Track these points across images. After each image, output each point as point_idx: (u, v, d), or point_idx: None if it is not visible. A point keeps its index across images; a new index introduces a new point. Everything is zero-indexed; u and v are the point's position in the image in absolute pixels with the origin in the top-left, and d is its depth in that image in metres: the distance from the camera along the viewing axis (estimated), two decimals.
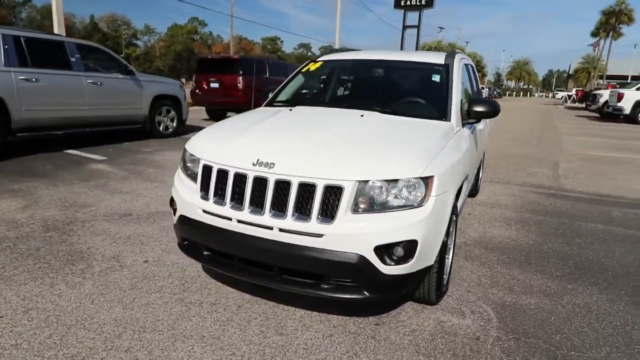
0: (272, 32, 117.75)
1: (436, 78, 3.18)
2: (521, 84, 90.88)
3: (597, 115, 20.95)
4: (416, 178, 2.06)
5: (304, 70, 3.69)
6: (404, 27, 39.50)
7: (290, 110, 2.95)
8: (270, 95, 3.52)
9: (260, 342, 2.19)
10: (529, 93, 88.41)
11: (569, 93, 48.27)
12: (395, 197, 2.05)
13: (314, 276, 2.14)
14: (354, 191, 2.02)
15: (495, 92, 59.53)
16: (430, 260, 2.20)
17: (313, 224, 2.02)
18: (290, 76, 3.64)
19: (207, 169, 2.34)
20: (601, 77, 51.65)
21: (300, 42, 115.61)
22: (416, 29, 39.53)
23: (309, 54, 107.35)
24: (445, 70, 3.22)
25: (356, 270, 2.03)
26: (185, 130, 9.85)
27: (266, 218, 2.10)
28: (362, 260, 2.00)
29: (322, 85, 3.73)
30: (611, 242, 3.76)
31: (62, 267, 2.92)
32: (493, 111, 2.94)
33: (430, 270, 2.28)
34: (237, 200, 2.19)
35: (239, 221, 2.17)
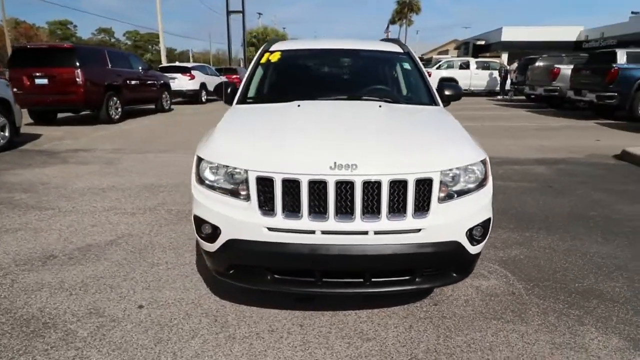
0: (60, 15, 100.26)
1: (407, 66, 3.36)
2: None
3: None
4: (478, 162, 2.21)
5: (262, 62, 3.39)
6: (228, 12, 38.57)
7: (299, 106, 2.71)
8: (238, 93, 3.15)
9: (358, 354, 2.07)
10: None
11: None
12: (466, 181, 2.17)
13: (404, 272, 2.12)
14: (439, 181, 2.05)
15: None
16: None
17: (410, 221, 1.99)
18: (250, 69, 3.31)
19: (264, 181, 2.02)
20: None
21: (100, 26, 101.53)
22: (241, 14, 38.93)
23: (112, 39, 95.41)
24: (411, 58, 3.43)
25: (452, 256, 2.10)
26: (20, 140, 7.84)
27: (358, 223, 1.97)
28: (458, 245, 2.07)
29: (297, 78, 3.50)
30: (519, 194, 4.68)
31: (29, 345, 2.13)
32: (458, 94, 3.29)
33: None
34: (317, 209, 1.98)
35: (323, 232, 1.97)
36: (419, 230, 2.00)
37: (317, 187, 1.97)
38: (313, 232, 1.98)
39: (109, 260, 3.07)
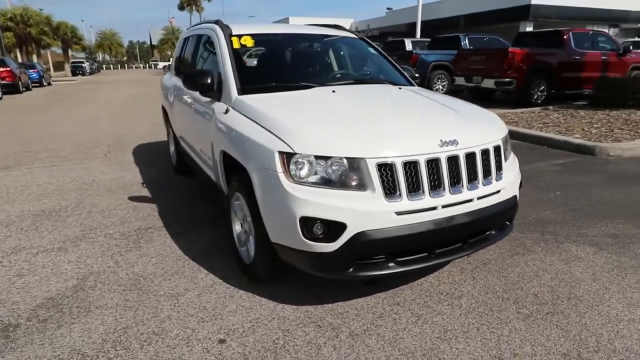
0: None
1: (373, 50, 3.55)
2: (107, 56, 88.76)
3: None
4: (507, 130, 2.68)
5: (236, 47, 3.03)
6: None
7: (334, 91, 2.60)
8: (231, 82, 2.76)
9: (467, 310, 2.31)
10: (126, 65, 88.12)
11: (169, 63, 52.23)
12: (507, 146, 2.59)
13: (480, 232, 2.42)
14: (502, 147, 2.42)
15: (94, 66, 55.97)
16: None
17: (495, 184, 2.31)
18: (228, 57, 2.89)
19: (385, 167, 2.00)
20: None
21: None
22: None
23: None
24: (367, 43, 3.63)
25: (513, 209, 2.51)
26: None
27: (466, 193, 2.17)
28: (516, 199, 2.50)
29: (288, 63, 3.19)
30: None
31: None
32: (412, 76, 3.71)
33: None
34: (434, 186, 2.09)
35: (443, 207, 2.10)
36: (499, 191, 2.34)
37: (431, 165, 2.08)
38: (434, 208, 2.08)
39: (105, 307, 2.36)
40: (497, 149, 2.36)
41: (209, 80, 2.82)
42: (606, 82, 9.29)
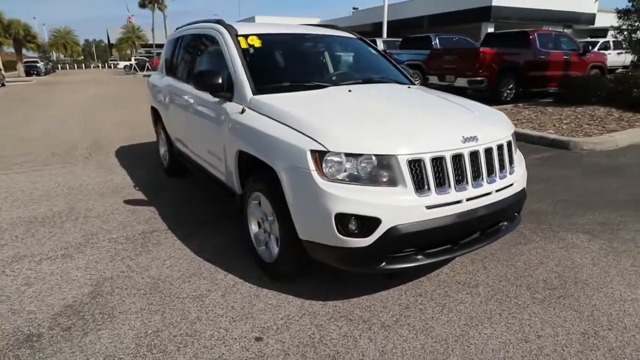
0: None
1: (374, 51, 3.63)
2: (63, 55, 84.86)
3: None
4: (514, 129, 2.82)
5: (244, 47, 3.02)
6: None
7: (350, 91, 2.66)
8: (244, 82, 2.76)
9: (486, 297, 2.44)
10: (83, 65, 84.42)
11: (131, 62, 50.34)
12: (513, 142, 2.73)
13: (495, 223, 2.55)
14: (511, 143, 2.56)
15: (49, 66, 53.31)
16: None
17: (508, 177, 2.44)
18: (238, 57, 2.89)
19: (415, 163, 2.08)
20: (150, 46, 56.52)
21: None
22: None
23: None
24: (367, 43, 3.71)
25: (522, 200, 2.65)
26: None
27: (486, 186, 2.28)
28: (524, 191, 2.65)
29: (299, 63, 3.19)
30: None
31: None
32: (411, 76, 3.83)
33: None
34: (458, 180, 2.19)
35: (467, 200, 2.21)
36: (512, 184, 2.47)
37: (455, 160, 2.18)
38: (459, 201, 2.18)
39: (129, 312, 2.32)
40: (509, 144, 2.49)
41: (219, 81, 2.81)
42: (569, 80, 9.83)
